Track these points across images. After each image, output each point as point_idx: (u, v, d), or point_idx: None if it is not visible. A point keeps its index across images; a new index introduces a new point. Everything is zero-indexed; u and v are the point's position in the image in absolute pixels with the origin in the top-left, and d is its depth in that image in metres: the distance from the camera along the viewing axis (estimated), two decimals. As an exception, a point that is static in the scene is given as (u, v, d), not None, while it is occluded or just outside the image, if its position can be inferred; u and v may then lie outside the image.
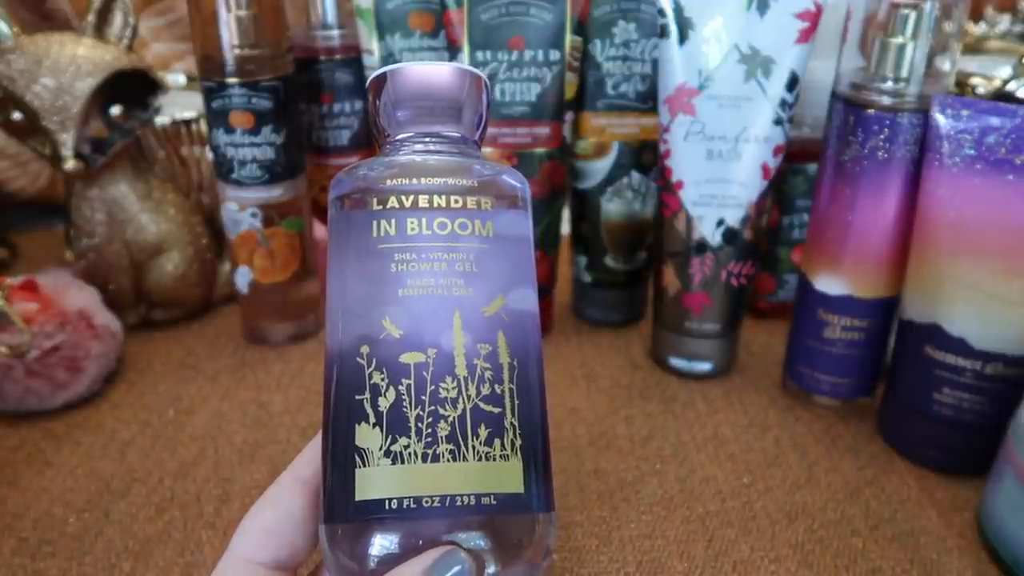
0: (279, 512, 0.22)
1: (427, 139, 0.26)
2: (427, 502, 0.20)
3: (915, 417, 0.39)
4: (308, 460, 0.23)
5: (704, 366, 0.46)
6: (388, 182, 0.24)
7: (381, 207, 0.23)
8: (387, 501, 0.20)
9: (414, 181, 0.24)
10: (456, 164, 0.25)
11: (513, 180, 0.25)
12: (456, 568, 0.19)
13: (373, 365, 0.22)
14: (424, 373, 0.22)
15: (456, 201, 0.24)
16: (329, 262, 0.24)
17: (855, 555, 0.34)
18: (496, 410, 0.22)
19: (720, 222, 0.43)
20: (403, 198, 0.23)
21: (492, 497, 0.21)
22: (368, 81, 0.26)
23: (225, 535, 0.34)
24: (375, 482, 0.20)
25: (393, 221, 0.23)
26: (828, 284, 0.40)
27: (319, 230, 0.53)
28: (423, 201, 0.23)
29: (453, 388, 0.22)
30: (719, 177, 0.42)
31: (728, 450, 0.40)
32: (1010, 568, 0.32)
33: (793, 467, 0.39)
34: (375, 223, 0.23)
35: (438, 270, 0.23)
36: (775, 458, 0.40)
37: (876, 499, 0.37)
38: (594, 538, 0.34)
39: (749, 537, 0.35)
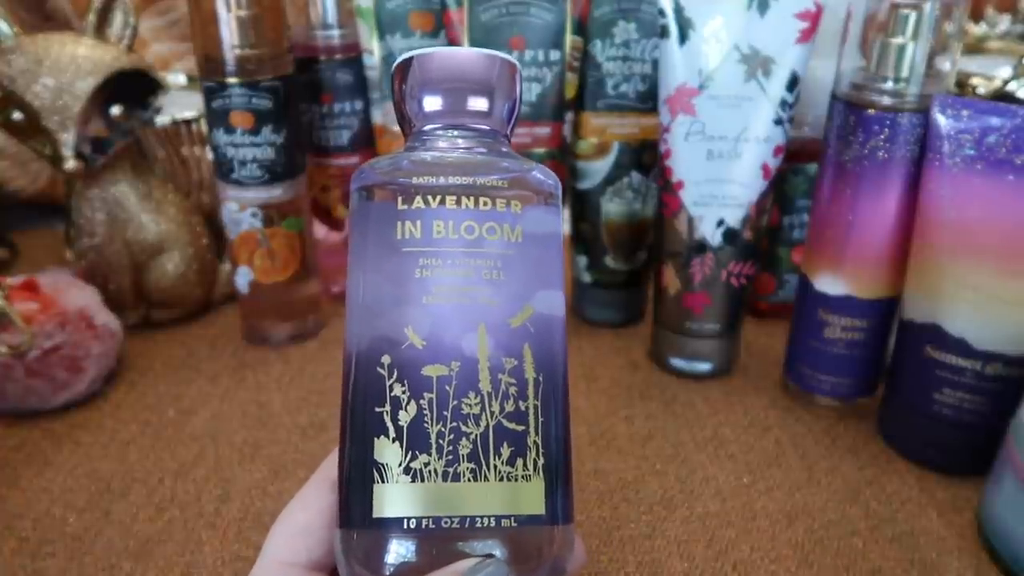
0: (311, 512, 0.22)
1: (454, 132, 0.24)
2: (446, 523, 0.20)
3: (915, 417, 0.38)
4: (336, 461, 0.23)
5: (704, 366, 0.46)
6: (414, 179, 0.23)
7: (406, 206, 0.22)
8: (405, 520, 0.20)
9: (441, 179, 0.23)
10: (485, 161, 0.24)
11: (544, 177, 0.24)
12: (490, 568, 0.19)
13: (394, 376, 0.21)
14: (447, 387, 0.21)
15: (485, 203, 0.22)
16: (350, 255, 0.23)
17: (855, 555, 0.34)
18: (520, 428, 0.21)
19: (720, 222, 0.43)
20: (429, 197, 0.22)
21: (512, 519, 0.20)
22: (394, 65, 0.25)
23: (225, 535, 0.34)
24: (393, 500, 0.20)
25: (419, 223, 0.22)
26: (828, 284, 0.40)
27: (319, 230, 0.53)
28: (450, 202, 0.22)
29: (476, 404, 0.21)
30: (719, 177, 0.42)
31: (728, 450, 0.40)
32: (1010, 568, 0.32)
33: (793, 467, 0.39)
34: (400, 224, 0.22)
35: (464, 277, 0.22)
36: (775, 458, 0.40)
37: (876, 499, 0.37)
38: (594, 538, 0.34)
39: (749, 537, 0.35)
